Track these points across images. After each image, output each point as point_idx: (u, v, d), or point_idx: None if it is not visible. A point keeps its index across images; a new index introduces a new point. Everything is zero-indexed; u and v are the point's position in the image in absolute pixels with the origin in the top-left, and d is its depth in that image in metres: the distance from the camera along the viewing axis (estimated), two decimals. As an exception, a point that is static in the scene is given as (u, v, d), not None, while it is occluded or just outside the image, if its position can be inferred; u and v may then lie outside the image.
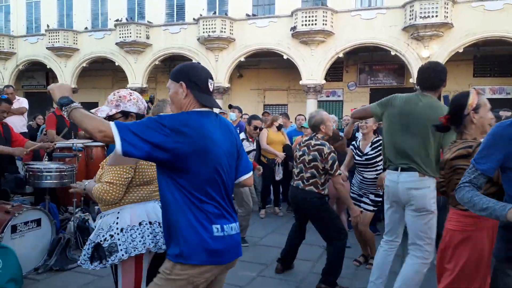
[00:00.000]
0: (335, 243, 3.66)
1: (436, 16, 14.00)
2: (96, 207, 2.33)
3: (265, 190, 6.79)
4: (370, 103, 13.98)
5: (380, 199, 4.24)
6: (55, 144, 4.73)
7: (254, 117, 6.04)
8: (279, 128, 6.76)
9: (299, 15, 15.84)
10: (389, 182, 3.07)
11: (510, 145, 1.79)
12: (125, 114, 2.23)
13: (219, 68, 17.47)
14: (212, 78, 1.88)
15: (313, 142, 3.70)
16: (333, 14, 15.76)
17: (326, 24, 15.59)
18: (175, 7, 18.88)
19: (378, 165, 4.23)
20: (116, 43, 18.72)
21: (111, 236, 2.12)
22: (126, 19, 19.04)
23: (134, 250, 2.12)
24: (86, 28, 20.17)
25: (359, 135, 4.58)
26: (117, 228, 2.13)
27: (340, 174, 3.63)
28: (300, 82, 16.52)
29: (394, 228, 3.22)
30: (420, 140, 2.91)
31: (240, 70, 18.77)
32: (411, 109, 2.98)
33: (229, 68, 17.34)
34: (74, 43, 19.98)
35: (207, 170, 1.72)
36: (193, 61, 16.73)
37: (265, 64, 18.68)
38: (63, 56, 20.12)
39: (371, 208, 4.26)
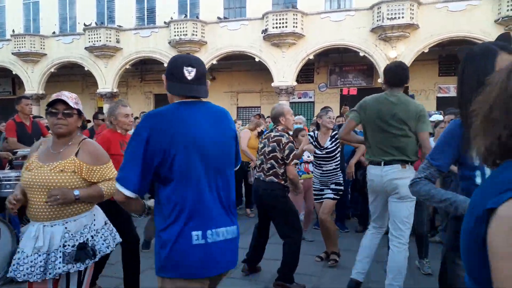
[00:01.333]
0: (289, 241, 3.68)
1: (403, 17, 14.39)
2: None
3: (236, 191, 6.76)
4: (340, 104, 14.07)
5: (341, 187, 4.41)
6: (15, 153, 4.60)
7: None
8: (260, 133, 6.77)
9: (270, 17, 15.97)
10: (373, 176, 3.28)
11: (461, 144, 1.84)
12: (80, 113, 2.26)
13: (191, 71, 17.34)
14: (191, 66, 1.70)
15: (273, 134, 3.76)
16: (303, 17, 15.96)
17: (296, 27, 15.78)
18: (145, 10, 18.67)
19: (337, 157, 4.43)
20: (86, 48, 18.36)
21: (92, 237, 2.22)
22: (96, 23, 18.71)
23: (108, 248, 2.28)
24: (54, 32, 19.68)
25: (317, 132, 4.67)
26: (94, 230, 2.24)
27: (296, 163, 3.69)
28: (272, 84, 16.63)
29: (380, 215, 3.47)
30: (398, 133, 3.14)
31: (213, 72, 18.73)
32: (383, 108, 3.19)
33: (202, 71, 17.27)
34: (41, 48, 19.46)
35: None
36: (164, 65, 16.59)
37: (238, 67, 18.71)
38: (30, 62, 19.56)
39: (332, 196, 4.37)
